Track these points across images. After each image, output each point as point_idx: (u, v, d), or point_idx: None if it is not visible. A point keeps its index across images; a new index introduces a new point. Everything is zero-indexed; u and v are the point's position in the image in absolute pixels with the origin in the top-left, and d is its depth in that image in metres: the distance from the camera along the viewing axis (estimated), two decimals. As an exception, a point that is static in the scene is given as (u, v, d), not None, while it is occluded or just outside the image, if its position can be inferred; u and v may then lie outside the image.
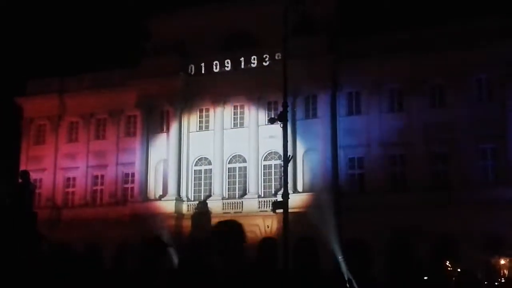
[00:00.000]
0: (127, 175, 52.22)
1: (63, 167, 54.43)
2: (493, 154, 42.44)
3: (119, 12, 65.51)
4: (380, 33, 46.57)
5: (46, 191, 53.74)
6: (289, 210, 24.84)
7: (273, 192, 46.54)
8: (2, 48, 62.79)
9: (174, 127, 50.03)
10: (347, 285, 33.97)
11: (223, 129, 49.36)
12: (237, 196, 48.13)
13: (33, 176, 36.34)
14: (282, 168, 25.43)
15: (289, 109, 26.30)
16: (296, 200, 41.85)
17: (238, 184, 48.64)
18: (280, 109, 25.68)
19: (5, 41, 64.91)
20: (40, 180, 53.36)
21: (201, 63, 50.01)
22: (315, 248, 43.33)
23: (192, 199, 49.49)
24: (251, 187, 47.55)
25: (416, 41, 44.61)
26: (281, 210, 25.21)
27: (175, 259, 44.91)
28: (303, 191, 45.16)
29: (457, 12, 46.17)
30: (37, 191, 46.22)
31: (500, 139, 42.04)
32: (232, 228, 46.25)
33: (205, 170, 49.87)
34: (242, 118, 49.60)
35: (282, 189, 25.32)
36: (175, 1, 53.68)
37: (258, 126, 48.21)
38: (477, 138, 42.26)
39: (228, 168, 49.14)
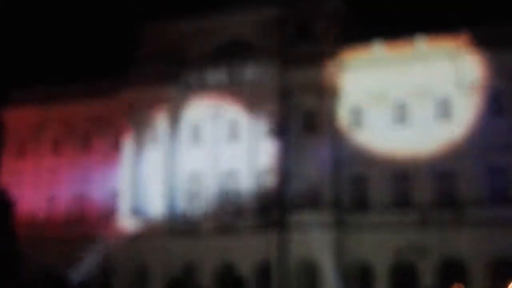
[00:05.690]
0: (113, 189, 49.67)
1: (45, 181, 52.40)
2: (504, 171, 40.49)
3: (109, 20, 63.82)
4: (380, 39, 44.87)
5: (27, 207, 50.90)
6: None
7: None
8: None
9: (165, 139, 47.86)
10: None
11: (217, 142, 46.98)
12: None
13: (13, 190, 34.53)
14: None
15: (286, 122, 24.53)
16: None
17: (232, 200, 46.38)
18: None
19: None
20: (21, 195, 50.00)
21: (194, 73, 48.28)
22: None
23: (185, 215, 47.23)
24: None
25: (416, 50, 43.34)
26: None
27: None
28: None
29: (465, 21, 44.56)
30: (17, 206, 43.97)
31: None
32: None
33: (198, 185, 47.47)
34: (237, 131, 47.27)
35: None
36: (167, 8, 51.78)
37: (254, 139, 45.83)
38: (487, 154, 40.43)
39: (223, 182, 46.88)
